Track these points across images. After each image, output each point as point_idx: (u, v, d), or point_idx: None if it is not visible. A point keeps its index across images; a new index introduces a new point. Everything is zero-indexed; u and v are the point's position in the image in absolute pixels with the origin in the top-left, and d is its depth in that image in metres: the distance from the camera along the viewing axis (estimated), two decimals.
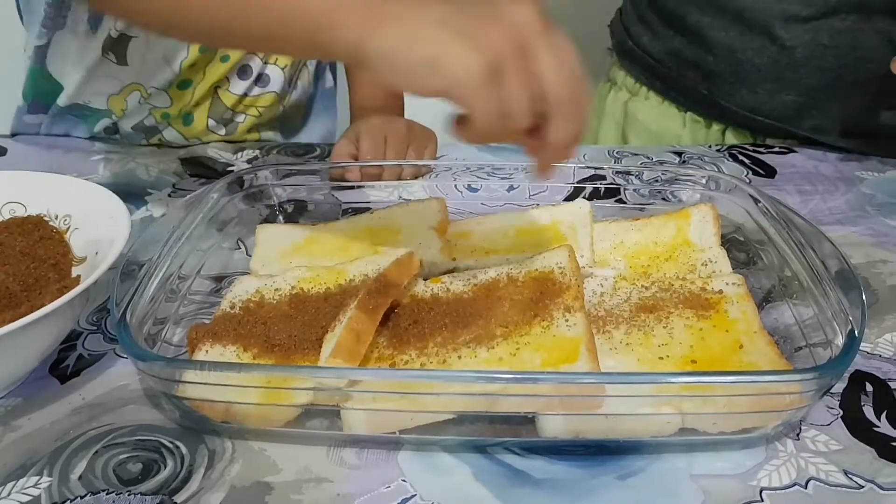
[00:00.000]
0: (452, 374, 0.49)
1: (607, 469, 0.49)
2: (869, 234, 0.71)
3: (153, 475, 0.48)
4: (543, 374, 0.48)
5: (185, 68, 0.85)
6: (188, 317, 0.60)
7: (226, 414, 0.50)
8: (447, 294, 0.57)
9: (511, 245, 0.65)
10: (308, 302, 0.58)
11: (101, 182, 0.64)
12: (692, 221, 0.67)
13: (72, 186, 0.64)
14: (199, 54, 0.85)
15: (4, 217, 0.63)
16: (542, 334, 0.51)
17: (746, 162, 0.86)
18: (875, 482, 0.47)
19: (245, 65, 0.89)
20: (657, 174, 0.74)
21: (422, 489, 0.47)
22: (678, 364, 0.52)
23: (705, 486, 0.47)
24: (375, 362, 0.52)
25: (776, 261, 0.61)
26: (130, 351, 0.49)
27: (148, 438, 0.51)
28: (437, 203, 0.70)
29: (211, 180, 0.82)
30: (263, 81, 0.91)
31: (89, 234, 0.61)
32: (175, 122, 0.89)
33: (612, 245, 0.66)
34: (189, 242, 0.61)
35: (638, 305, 0.57)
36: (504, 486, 0.48)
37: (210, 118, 0.90)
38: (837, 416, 0.52)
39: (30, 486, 0.47)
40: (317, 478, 0.48)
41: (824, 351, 0.52)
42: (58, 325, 0.53)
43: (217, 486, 0.47)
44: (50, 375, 0.56)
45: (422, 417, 0.49)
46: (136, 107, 0.87)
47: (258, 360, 0.53)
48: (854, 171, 0.82)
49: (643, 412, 0.48)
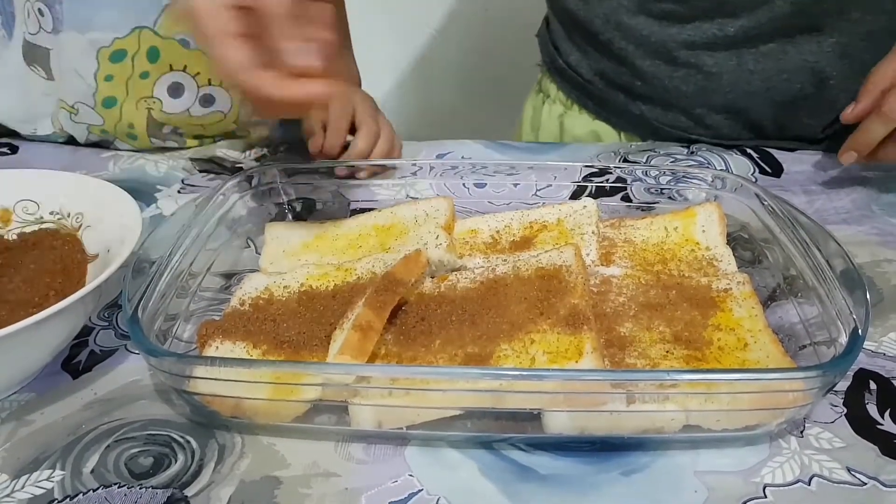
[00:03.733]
0: (459, 371, 0.49)
1: (612, 465, 0.49)
2: (874, 233, 0.71)
3: (164, 469, 0.49)
4: (549, 371, 0.48)
5: (102, 81, 0.81)
6: (198, 313, 0.61)
7: (235, 409, 0.51)
8: (454, 292, 0.58)
9: (516, 243, 0.66)
10: (316, 299, 0.58)
11: (111, 179, 0.64)
12: (698, 220, 0.67)
13: (84, 184, 0.64)
14: (110, 65, 0.80)
15: (19, 214, 0.64)
16: (547, 332, 0.52)
17: (754, 156, 0.86)
18: (878, 479, 0.48)
19: (176, 83, 0.83)
20: (663, 172, 0.74)
21: (428, 484, 0.48)
22: (682, 362, 0.52)
23: (709, 483, 0.48)
24: (383, 359, 0.53)
25: (781, 259, 0.62)
26: (142, 347, 0.49)
27: (159, 433, 0.52)
28: (444, 201, 0.70)
29: (220, 176, 0.83)
30: (207, 102, 0.86)
31: (101, 232, 0.61)
32: (121, 138, 0.87)
33: (618, 243, 0.66)
34: (199, 240, 0.62)
35: (643, 303, 0.58)
36: (510, 482, 0.48)
37: (150, 136, 0.86)
38: (841, 413, 0.52)
39: (43, 480, 0.48)
40: (325, 472, 0.49)
41: (828, 349, 0.52)
42: (70, 321, 0.54)
43: (227, 481, 0.48)
44: (62, 371, 0.57)
45: (428, 413, 0.50)
46: (71, 125, 0.84)
47: (267, 357, 0.54)
48: (860, 170, 0.82)
49: (648, 409, 0.49)
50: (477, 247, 0.66)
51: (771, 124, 0.88)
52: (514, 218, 0.69)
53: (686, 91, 0.87)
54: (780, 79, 0.84)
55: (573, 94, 0.98)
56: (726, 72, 0.85)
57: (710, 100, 0.87)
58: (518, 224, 0.68)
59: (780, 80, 0.84)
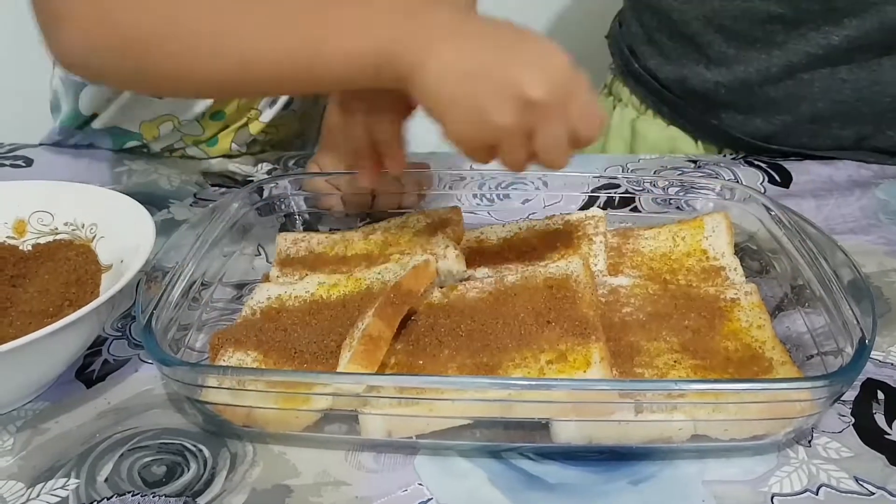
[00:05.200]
0: (468, 381, 0.50)
1: (620, 474, 0.49)
2: (882, 242, 0.72)
3: (177, 478, 0.50)
4: (557, 381, 0.49)
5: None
6: (210, 323, 0.62)
7: (247, 418, 0.51)
8: (463, 302, 0.58)
9: (525, 253, 0.66)
10: (326, 309, 0.59)
11: (125, 192, 0.65)
12: (706, 230, 0.67)
13: (98, 196, 0.65)
14: None
15: (34, 225, 0.65)
16: (556, 341, 0.52)
17: (763, 166, 0.86)
18: (886, 489, 0.48)
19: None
20: (671, 183, 0.74)
21: (438, 493, 0.48)
22: (690, 371, 0.53)
23: (717, 492, 0.48)
24: (392, 369, 0.53)
25: (789, 269, 0.62)
26: (155, 356, 0.50)
27: (172, 442, 0.52)
28: (453, 212, 0.71)
29: (231, 190, 0.83)
30: (286, 105, 0.91)
31: (115, 243, 0.62)
32: (201, 144, 0.91)
33: (626, 253, 0.67)
34: (211, 250, 0.63)
35: (651, 313, 0.58)
36: (518, 491, 0.49)
37: (234, 143, 0.90)
38: (849, 423, 0.53)
39: (58, 488, 0.49)
40: (335, 481, 0.49)
41: (835, 359, 0.52)
42: (84, 331, 0.54)
43: (238, 489, 0.49)
44: (76, 380, 0.57)
45: (438, 423, 0.50)
46: (169, 134, 0.88)
47: (278, 366, 0.54)
48: (868, 179, 0.82)
49: (656, 419, 0.49)
50: (485, 257, 0.66)
51: (853, 135, 0.87)
52: (523, 227, 0.69)
53: (774, 97, 0.86)
54: (872, 90, 0.83)
55: (648, 99, 0.96)
56: (818, 79, 0.84)
57: (798, 107, 0.86)
58: (526, 234, 0.69)
59: (872, 91, 0.83)
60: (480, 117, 0.53)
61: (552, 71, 0.53)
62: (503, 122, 0.53)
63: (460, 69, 0.53)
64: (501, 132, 0.53)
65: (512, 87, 0.52)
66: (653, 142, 0.97)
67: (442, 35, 0.55)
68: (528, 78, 0.52)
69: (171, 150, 0.90)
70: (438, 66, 0.53)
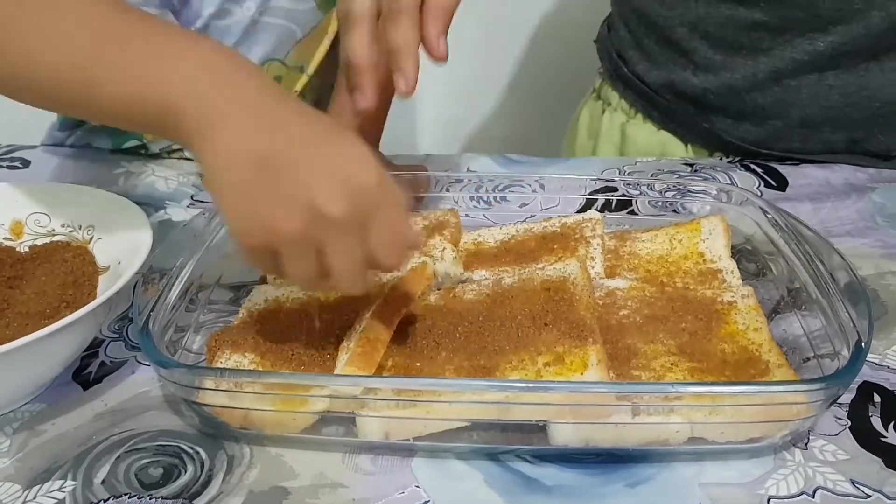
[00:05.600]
0: (465, 383, 0.50)
1: (617, 477, 0.49)
2: (878, 245, 0.72)
3: (174, 480, 0.49)
4: (554, 384, 0.49)
5: None
6: (207, 325, 0.62)
7: (244, 420, 0.51)
8: (460, 304, 0.58)
9: (523, 256, 0.66)
10: (324, 311, 0.59)
11: (122, 194, 0.65)
12: (702, 233, 0.67)
13: (95, 197, 0.65)
14: None
15: (31, 227, 0.65)
16: (553, 344, 0.52)
17: (759, 170, 0.86)
18: (882, 492, 0.48)
19: None
20: (668, 186, 0.75)
21: (435, 495, 0.48)
22: (687, 374, 0.53)
23: (713, 495, 0.48)
24: (390, 371, 0.53)
25: (785, 272, 0.62)
26: (152, 358, 0.50)
27: (169, 444, 0.52)
28: (450, 214, 0.71)
29: None
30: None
31: (112, 244, 0.62)
32: None
33: (623, 255, 0.67)
34: (208, 252, 0.62)
35: (648, 315, 0.58)
36: (515, 493, 0.49)
37: None
38: (845, 426, 0.53)
39: (55, 490, 0.49)
40: (332, 483, 0.49)
41: (832, 362, 0.52)
42: (81, 333, 0.54)
43: (235, 491, 0.49)
44: (73, 382, 0.57)
45: (435, 425, 0.50)
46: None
47: (275, 368, 0.54)
48: (865, 182, 0.82)
49: (653, 421, 0.49)
50: (483, 259, 0.66)
51: (844, 140, 0.87)
52: (520, 230, 0.70)
53: (763, 103, 0.86)
54: (861, 95, 0.83)
55: (638, 103, 0.96)
56: (806, 86, 0.84)
57: (787, 113, 0.86)
58: (523, 236, 0.69)
59: (861, 96, 0.83)
60: (262, 216, 0.45)
61: (355, 186, 0.45)
62: (287, 228, 0.45)
63: (253, 151, 0.45)
64: (283, 240, 0.45)
65: (305, 192, 0.44)
66: (643, 146, 0.96)
67: (245, 104, 0.46)
68: (325, 188, 0.44)
69: (170, 150, 0.90)
70: (229, 137, 0.45)
